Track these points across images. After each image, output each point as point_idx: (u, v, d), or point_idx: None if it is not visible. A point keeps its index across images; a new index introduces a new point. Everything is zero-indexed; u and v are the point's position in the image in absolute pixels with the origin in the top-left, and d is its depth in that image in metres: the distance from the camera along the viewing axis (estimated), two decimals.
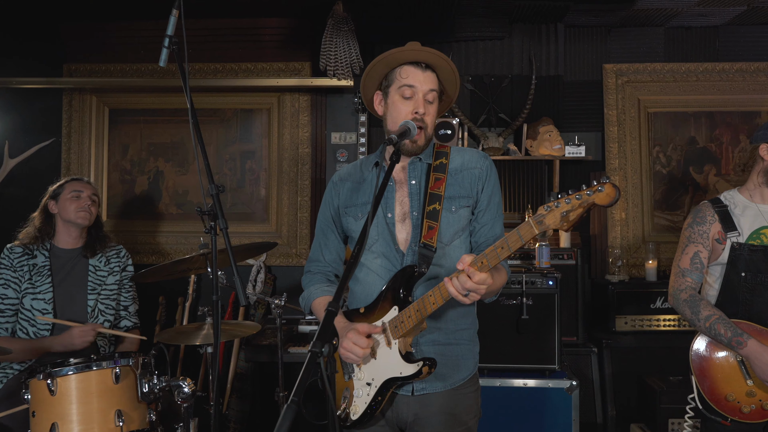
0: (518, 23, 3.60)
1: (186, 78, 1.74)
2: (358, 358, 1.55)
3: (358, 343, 1.53)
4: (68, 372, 1.78)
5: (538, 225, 1.39)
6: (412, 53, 1.69)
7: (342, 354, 1.58)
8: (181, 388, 1.82)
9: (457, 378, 1.72)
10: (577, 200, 1.35)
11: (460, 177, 1.73)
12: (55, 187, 2.65)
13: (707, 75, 3.59)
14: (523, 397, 2.77)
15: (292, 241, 3.68)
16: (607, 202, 1.34)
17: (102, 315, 2.58)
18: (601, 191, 1.33)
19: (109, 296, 2.61)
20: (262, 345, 3.18)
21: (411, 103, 1.68)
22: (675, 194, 3.59)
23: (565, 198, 1.36)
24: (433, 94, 1.70)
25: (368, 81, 1.80)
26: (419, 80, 1.68)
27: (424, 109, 1.68)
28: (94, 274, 2.59)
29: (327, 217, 1.85)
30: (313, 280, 1.87)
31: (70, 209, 2.55)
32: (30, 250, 2.52)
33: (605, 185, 1.33)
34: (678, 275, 2.20)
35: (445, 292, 1.53)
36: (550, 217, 1.38)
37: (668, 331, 3.22)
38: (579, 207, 1.36)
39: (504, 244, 1.44)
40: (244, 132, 3.74)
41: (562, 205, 1.36)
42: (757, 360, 1.99)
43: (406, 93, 1.69)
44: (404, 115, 1.67)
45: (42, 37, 3.73)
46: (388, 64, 1.73)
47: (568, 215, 1.37)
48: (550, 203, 1.39)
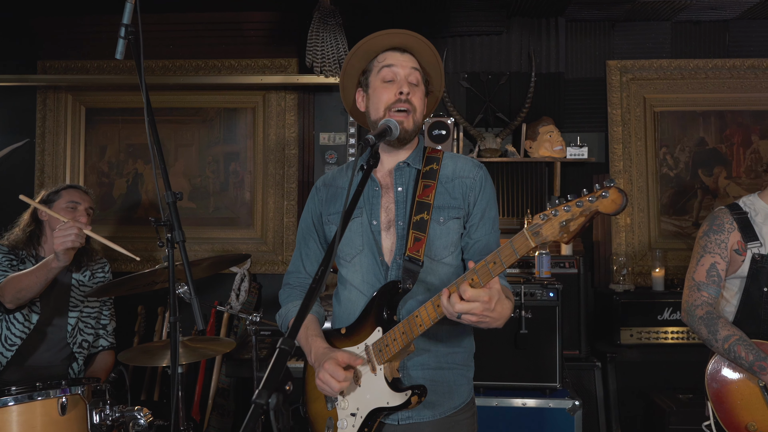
0: (517, 17, 3.40)
1: (141, 70, 1.56)
2: (333, 392, 1.37)
3: (335, 375, 1.35)
4: (8, 403, 1.58)
5: (534, 237, 1.22)
6: (387, 37, 1.53)
7: (318, 386, 1.41)
8: (137, 420, 1.63)
9: (449, 406, 1.53)
10: (578, 208, 1.17)
11: (451, 186, 1.55)
12: (49, 192, 2.42)
13: (717, 72, 3.39)
14: (522, 418, 2.57)
15: (278, 248, 3.48)
16: (612, 210, 1.15)
17: (81, 334, 2.38)
18: (605, 197, 1.14)
19: (90, 314, 2.43)
20: (245, 359, 2.98)
21: (393, 85, 1.51)
22: (683, 198, 3.38)
23: (564, 205, 1.18)
24: (417, 74, 1.54)
25: (347, 80, 1.63)
26: (399, 60, 1.53)
27: (408, 89, 1.50)
28: (78, 289, 2.39)
29: (308, 224, 1.68)
30: (292, 296, 1.69)
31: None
32: (15, 254, 2.31)
33: (610, 190, 1.14)
34: (692, 289, 2.01)
35: (433, 312, 1.35)
36: (547, 228, 1.20)
37: (677, 345, 3.03)
38: (580, 216, 1.17)
39: (496, 259, 1.26)
40: (228, 132, 3.54)
41: (561, 213, 1.18)
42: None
43: (387, 76, 1.52)
44: (386, 100, 1.51)
45: (15, 32, 3.53)
46: (364, 55, 1.56)
47: (568, 225, 1.18)
48: (546, 211, 1.20)
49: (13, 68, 3.49)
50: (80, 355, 2.38)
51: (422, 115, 1.57)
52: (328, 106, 3.52)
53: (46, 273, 2.04)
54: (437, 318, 1.35)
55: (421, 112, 1.55)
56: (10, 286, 2.07)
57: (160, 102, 3.49)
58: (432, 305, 1.36)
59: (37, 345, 2.27)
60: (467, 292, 1.25)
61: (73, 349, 2.35)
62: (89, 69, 3.55)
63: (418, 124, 1.54)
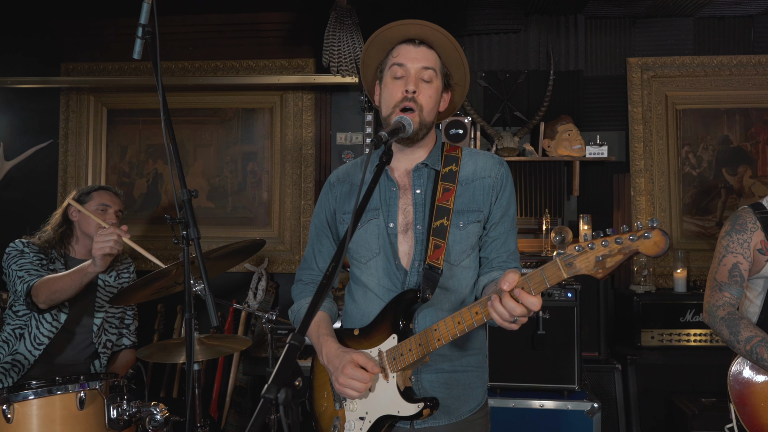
0: (535, 15, 3.36)
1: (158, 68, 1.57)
2: (357, 394, 1.36)
3: (357, 377, 1.34)
4: (28, 397, 1.61)
5: (567, 268, 1.16)
6: (405, 28, 1.48)
7: (338, 389, 1.39)
8: (153, 416, 1.64)
9: (465, 410, 1.52)
10: (617, 245, 1.11)
11: (472, 188, 1.51)
12: (81, 193, 2.44)
13: (741, 69, 3.31)
14: (539, 420, 2.54)
15: (295, 247, 3.50)
16: (653, 253, 1.09)
17: (105, 334, 2.41)
18: (647, 238, 1.09)
19: (114, 314, 2.46)
20: (262, 357, 3.00)
21: (401, 82, 1.46)
22: (706, 198, 3.31)
23: (602, 240, 1.13)
24: (429, 72, 1.47)
25: (366, 70, 1.61)
26: (410, 57, 1.47)
27: (414, 86, 1.44)
28: (103, 290, 2.42)
29: (322, 220, 1.65)
30: (304, 292, 1.68)
31: (92, 224, 2.33)
32: (46, 253, 2.33)
33: (653, 231, 1.08)
34: (714, 289, 1.96)
35: (453, 329, 1.32)
36: (582, 260, 1.15)
37: (699, 347, 2.96)
38: (618, 253, 1.12)
39: (525, 284, 1.20)
40: (246, 132, 3.57)
41: (598, 247, 1.13)
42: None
43: (397, 72, 1.47)
44: (394, 97, 1.46)
45: (39, 34, 3.61)
46: (382, 45, 1.52)
47: (604, 261, 1.13)
48: (582, 243, 1.15)
49: (37, 70, 3.57)
50: (104, 355, 2.41)
51: (432, 113, 1.50)
52: (345, 106, 3.53)
53: (81, 277, 2.07)
54: (456, 335, 1.32)
55: (430, 110, 1.48)
56: (45, 288, 2.10)
57: (179, 103, 3.53)
58: (452, 321, 1.32)
59: (63, 344, 2.31)
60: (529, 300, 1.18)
61: (98, 349, 2.38)
62: (110, 71, 3.62)
63: (425, 123, 1.47)
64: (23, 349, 2.23)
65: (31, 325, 2.24)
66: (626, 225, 1.14)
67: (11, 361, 2.22)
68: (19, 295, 2.16)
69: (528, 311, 1.19)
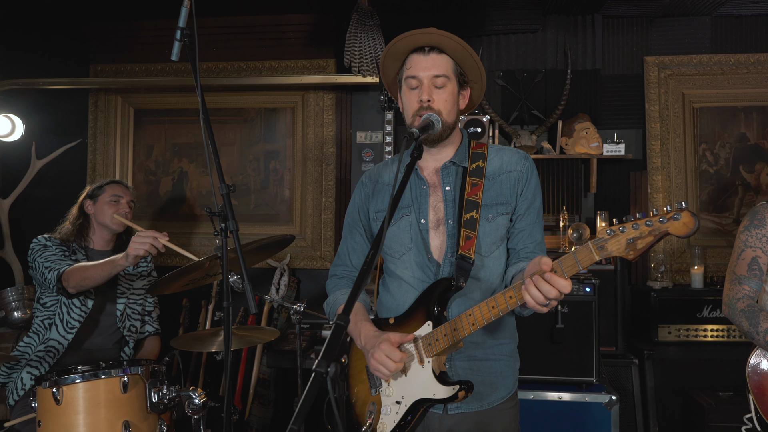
0: (553, 15, 3.41)
1: (197, 70, 1.65)
2: (389, 372, 1.42)
3: (391, 356, 1.40)
4: (75, 380, 1.70)
5: (600, 251, 1.22)
6: (412, 38, 1.55)
7: (372, 366, 1.46)
8: (192, 399, 1.73)
9: (496, 397, 1.58)
10: (648, 227, 1.17)
11: (499, 182, 1.59)
12: (94, 187, 2.59)
13: (759, 67, 3.33)
14: (558, 412, 2.59)
15: (316, 243, 3.58)
16: (683, 233, 1.15)
17: (129, 320, 2.53)
18: (677, 219, 1.15)
19: (136, 301, 2.58)
20: (285, 350, 3.09)
21: (416, 93, 1.56)
22: (723, 195, 3.34)
23: (632, 223, 1.19)
24: (441, 79, 1.55)
25: (386, 80, 1.71)
26: (422, 67, 1.55)
27: (428, 95, 1.53)
28: (124, 278, 2.55)
29: (355, 218, 1.74)
30: (339, 285, 1.76)
31: (107, 214, 2.50)
32: (67, 245, 2.46)
33: (683, 213, 1.15)
34: (734, 282, 2.01)
35: (487, 313, 1.38)
36: (613, 243, 1.21)
37: (716, 343, 3.00)
38: (649, 235, 1.18)
39: (558, 268, 1.26)
40: (268, 131, 3.66)
41: (629, 230, 1.19)
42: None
43: (412, 84, 1.57)
44: (412, 107, 1.56)
45: (68, 36, 3.72)
46: (395, 56, 1.61)
47: (635, 243, 1.19)
48: (613, 227, 1.21)
49: (66, 72, 3.68)
50: (130, 339, 2.53)
51: (451, 114, 1.57)
52: (365, 105, 3.60)
53: (111, 268, 2.18)
54: (491, 319, 1.38)
55: (449, 111, 1.56)
56: (77, 274, 2.21)
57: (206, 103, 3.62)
58: (486, 306, 1.38)
59: (91, 330, 2.43)
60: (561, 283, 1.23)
61: (123, 333, 2.50)
62: (137, 72, 3.72)
63: (447, 124, 1.56)
64: (56, 335, 2.35)
65: (62, 312, 2.37)
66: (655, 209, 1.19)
67: (44, 349, 2.33)
68: (49, 282, 2.27)
69: (560, 294, 1.23)
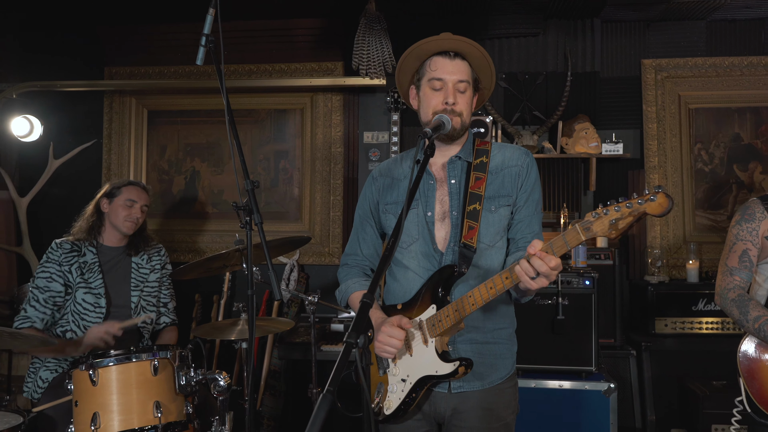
0: (553, 19, 3.54)
1: (222, 75, 1.76)
2: (393, 350, 1.54)
3: (393, 335, 1.52)
4: (109, 363, 1.83)
5: (585, 232, 1.35)
6: (439, 43, 1.67)
7: (377, 347, 1.57)
8: (217, 381, 1.85)
9: (495, 377, 1.70)
10: (628, 208, 1.31)
11: (501, 176, 1.71)
12: (112, 187, 2.67)
13: (752, 69, 3.46)
14: (558, 400, 2.71)
15: (324, 240, 3.70)
16: (659, 212, 1.29)
17: (144, 311, 2.64)
18: (653, 200, 1.29)
19: (150, 293, 2.68)
20: (296, 342, 3.20)
21: (441, 94, 1.66)
22: (718, 193, 3.46)
23: (614, 205, 1.32)
24: (464, 84, 1.67)
25: (401, 76, 1.80)
26: (448, 71, 1.66)
27: (454, 99, 1.65)
28: (137, 271, 2.66)
29: (365, 210, 1.84)
30: (350, 274, 1.86)
31: (120, 216, 2.60)
32: (78, 246, 2.57)
33: (658, 194, 1.28)
34: (725, 274, 2.12)
35: (486, 293, 1.50)
36: (597, 225, 1.34)
37: (711, 335, 3.11)
38: (629, 215, 1.31)
39: (549, 249, 1.39)
40: (278, 132, 3.78)
41: (611, 212, 1.32)
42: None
43: (436, 85, 1.67)
44: (434, 106, 1.66)
45: (84, 40, 3.84)
46: (418, 56, 1.71)
47: (617, 223, 1.32)
48: (598, 210, 1.34)
49: (81, 74, 3.81)
50: (145, 331, 2.65)
51: (469, 116, 1.71)
52: (372, 107, 3.72)
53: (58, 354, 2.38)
54: (489, 299, 1.50)
55: (468, 114, 1.70)
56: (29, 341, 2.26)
57: (216, 104, 3.76)
58: (485, 287, 1.51)
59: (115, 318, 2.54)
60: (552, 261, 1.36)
61: (138, 325, 2.61)
62: (151, 74, 3.84)
63: (465, 125, 1.69)
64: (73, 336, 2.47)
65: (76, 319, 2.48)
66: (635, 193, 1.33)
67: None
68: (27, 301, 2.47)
69: (549, 269, 1.36)
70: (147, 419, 1.80)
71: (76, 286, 2.50)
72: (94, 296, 2.50)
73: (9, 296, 3.55)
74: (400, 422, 1.68)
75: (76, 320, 2.47)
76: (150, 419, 1.80)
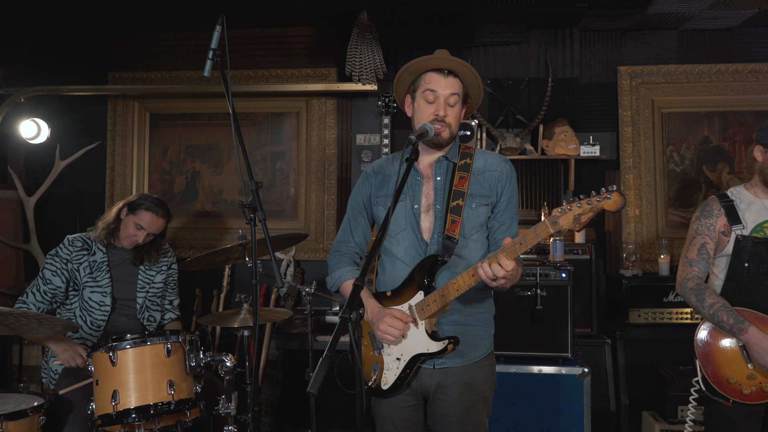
0: (535, 28, 3.76)
1: (228, 86, 1.95)
2: (393, 339, 1.76)
3: (394, 325, 1.75)
4: (126, 346, 2.02)
5: (553, 225, 1.59)
6: (435, 61, 1.88)
7: (378, 335, 1.79)
8: (224, 363, 2.05)
9: (474, 355, 1.90)
10: (588, 205, 1.55)
11: (482, 177, 1.91)
12: (137, 201, 2.73)
13: (721, 76, 3.69)
14: (537, 383, 2.92)
15: (319, 237, 3.90)
16: (614, 208, 1.53)
17: (148, 311, 2.80)
18: (609, 198, 1.52)
19: (156, 294, 2.83)
20: (292, 333, 3.40)
21: (433, 106, 1.87)
22: (688, 192, 3.69)
23: (577, 202, 1.56)
24: (455, 98, 1.88)
25: (399, 85, 2.01)
26: (441, 86, 1.86)
27: (444, 112, 1.86)
28: (144, 273, 2.80)
29: (359, 202, 2.04)
30: (342, 262, 2.05)
31: (126, 233, 2.70)
32: (89, 245, 2.72)
33: (613, 194, 1.52)
34: (686, 265, 2.33)
35: (468, 280, 1.72)
36: (564, 219, 1.57)
37: (681, 324, 3.33)
38: (590, 211, 1.55)
39: (522, 240, 1.62)
40: (275, 134, 3.97)
41: (575, 208, 1.56)
42: (756, 346, 2.11)
43: (429, 97, 1.87)
44: (427, 117, 1.87)
45: (89, 46, 4.02)
46: (415, 71, 1.92)
47: (580, 218, 1.56)
48: (563, 206, 1.58)
49: (87, 79, 3.98)
50: (150, 327, 2.82)
51: (457, 127, 1.92)
52: (364, 110, 3.93)
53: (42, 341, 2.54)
54: (471, 285, 1.72)
55: (456, 125, 1.91)
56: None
57: (216, 108, 3.94)
58: (468, 274, 1.72)
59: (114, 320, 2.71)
60: (508, 265, 1.61)
61: (143, 323, 2.78)
62: (153, 79, 4.02)
63: (453, 135, 1.91)
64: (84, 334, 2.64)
65: (84, 314, 2.64)
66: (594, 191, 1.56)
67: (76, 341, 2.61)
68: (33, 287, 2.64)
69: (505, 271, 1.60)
70: (161, 396, 2.00)
71: (84, 284, 2.65)
72: (101, 294, 2.66)
73: (17, 291, 3.72)
74: (394, 396, 1.88)
75: (84, 315, 2.65)
76: (164, 396, 2.00)
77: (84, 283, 2.65)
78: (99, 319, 2.65)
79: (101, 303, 2.65)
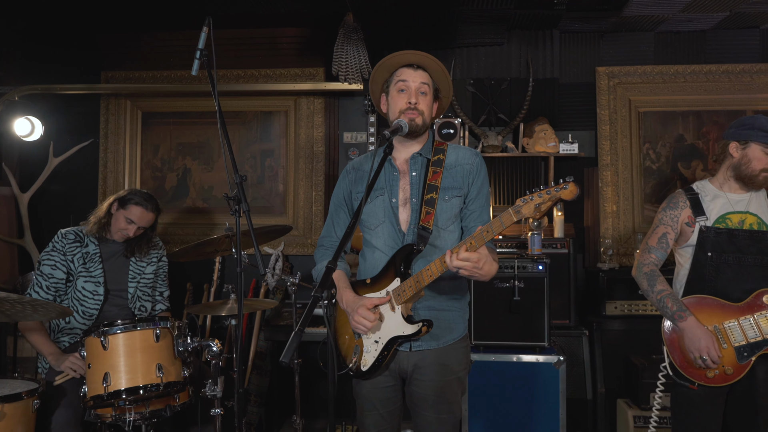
0: (516, 30, 3.88)
1: (214, 85, 2.05)
2: (365, 329, 1.88)
3: (366, 317, 1.86)
4: (117, 331, 2.12)
5: (516, 213, 1.71)
6: (404, 56, 2.01)
7: (353, 326, 1.90)
8: (211, 347, 2.15)
9: (449, 338, 2.01)
10: (547, 195, 1.68)
11: (454, 171, 2.03)
12: (127, 196, 2.79)
13: (695, 76, 3.82)
14: (515, 371, 3.04)
15: (307, 232, 4.00)
16: (570, 197, 1.67)
17: (139, 300, 2.88)
18: (566, 188, 1.66)
19: (146, 284, 2.92)
20: (280, 325, 3.50)
21: (405, 94, 1.99)
22: (664, 188, 3.82)
23: (538, 193, 1.69)
24: (425, 86, 2.00)
25: (374, 85, 2.12)
26: (411, 77, 1.99)
27: (416, 99, 1.97)
28: (135, 264, 2.89)
29: (340, 198, 2.15)
30: (325, 255, 2.15)
31: (117, 227, 2.76)
32: (81, 237, 2.80)
33: (569, 184, 1.66)
34: (645, 251, 2.46)
35: (440, 267, 1.83)
36: (526, 208, 1.70)
37: (655, 316, 3.41)
38: (549, 200, 1.68)
39: (489, 228, 1.74)
40: (264, 132, 4.07)
41: (536, 198, 1.69)
42: (688, 334, 2.25)
43: (401, 86, 1.99)
44: (400, 106, 1.98)
45: (82, 46, 4.11)
46: (388, 68, 2.04)
47: (540, 206, 1.69)
48: (526, 196, 1.70)
49: (80, 78, 4.07)
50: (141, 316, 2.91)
51: (430, 115, 2.03)
52: (351, 109, 4.04)
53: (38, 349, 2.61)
54: (443, 271, 1.83)
55: (428, 114, 2.02)
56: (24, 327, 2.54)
57: (206, 106, 4.04)
58: (439, 261, 1.83)
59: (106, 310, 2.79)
60: (461, 254, 1.73)
61: (135, 312, 2.87)
62: (145, 78, 4.12)
63: (426, 122, 2.01)
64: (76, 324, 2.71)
65: (75, 305, 2.72)
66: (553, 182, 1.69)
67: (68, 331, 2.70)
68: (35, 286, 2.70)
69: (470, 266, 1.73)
70: (150, 378, 2.10)
71: (78, 274, 2.74)
72: (94, 284, 2.75)
73: (12, 285, 3.81)
74: (373, 377, 1.99)
75: (76, 306, 2.73)
76: (153, 378, 2.10)
77: (78, 273, 2.73)
78: (91, 308, 2.72)
79: (94, 293, 2.73)
